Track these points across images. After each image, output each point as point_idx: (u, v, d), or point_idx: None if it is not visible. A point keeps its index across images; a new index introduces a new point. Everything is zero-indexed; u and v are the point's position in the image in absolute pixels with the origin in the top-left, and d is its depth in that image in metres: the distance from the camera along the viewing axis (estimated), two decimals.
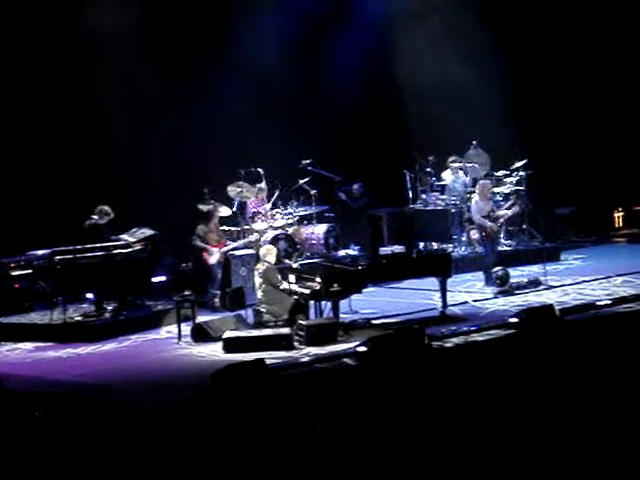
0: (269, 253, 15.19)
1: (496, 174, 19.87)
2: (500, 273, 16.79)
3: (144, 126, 18.94)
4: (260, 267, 15.05)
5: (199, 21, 19.88)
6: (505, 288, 16.62)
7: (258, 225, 18.44)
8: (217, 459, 9.15)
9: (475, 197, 17.91)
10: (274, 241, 17.80)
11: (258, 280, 14.97)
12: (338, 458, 8.90)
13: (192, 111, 19.60)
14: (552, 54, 22.26)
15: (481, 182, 18.21)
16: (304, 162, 19.45)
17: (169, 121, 19.31)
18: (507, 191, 19.52)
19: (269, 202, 19.05)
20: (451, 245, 19.48)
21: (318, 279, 14.32)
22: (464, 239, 19.59)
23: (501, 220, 17.97)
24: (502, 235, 19.02)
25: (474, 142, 20.35)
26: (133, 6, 19.24)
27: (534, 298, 16.05)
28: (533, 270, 18.06)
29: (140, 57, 18.97)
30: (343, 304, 14.67)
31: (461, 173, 20.12)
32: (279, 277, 14.93)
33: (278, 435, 9.59)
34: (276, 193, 19.10)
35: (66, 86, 18.66)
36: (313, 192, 19.33)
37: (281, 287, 14.79)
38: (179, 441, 9.67)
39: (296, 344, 13.75)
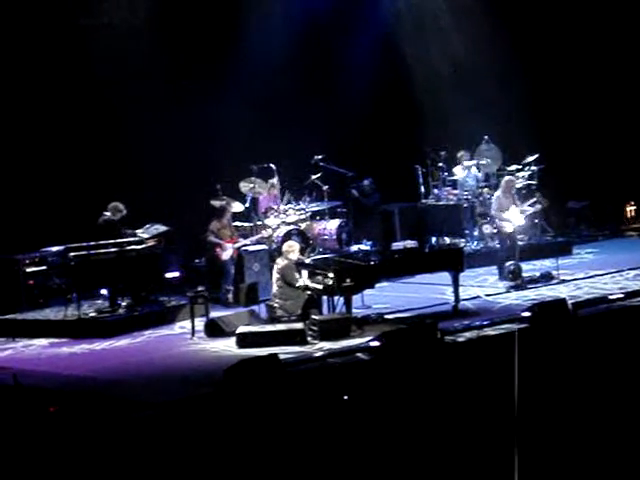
0: (292, 250, 15.04)
1: (508, 168, 19.87)
2: (512, 267, 16.80)
3: (156, 122, 18.97)
4: (280, 262, 14.99)
5: (209, 17, 19.91)
6: (517, 282, 16.63)
7: (271, 221, 18.47)
8: (231, 454, 9.19)
9: (498, 192, 17.88)
10: (287, 237, 17.82)
11: (275, 275, 14.96)
12: (351, 452, 8.93)
13: (204, 107, 19.62)
14: (564, 48, 22.23)
15: (506, 178, 18.14)
16: (316, 158, 19.47)
17: (181, 117, 19.32)
18: (519, 186, 19.50)
19: (282, 199, 19.10)
20: (463, 240, 19.48)
21: (331, 274, 14.34)
22: (476, 234, 19.60)
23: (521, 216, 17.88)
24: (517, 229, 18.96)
25: (486, 137, 20.35)
26: (144, 4, 19.28)
27: (546, 292, 16.05)
28: (545, 264, 18.07)
29: (152, 54, 19.01)
30: (356, 299, 14.71)
31: (472, 168, 20.14)
32: (297, 276, 14.86)
33: (291, 429, 9.63)
34: (286, 195, 19.13)
35: (78, 84, 18.72)
36: (325, 188, 19.36)
37: (297, 285, 14.77)
38: (193, 436, 9.71)
39: (309, 339, 13.78)
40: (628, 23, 22.28)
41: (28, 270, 16.89)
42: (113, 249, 15.96)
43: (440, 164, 20.20)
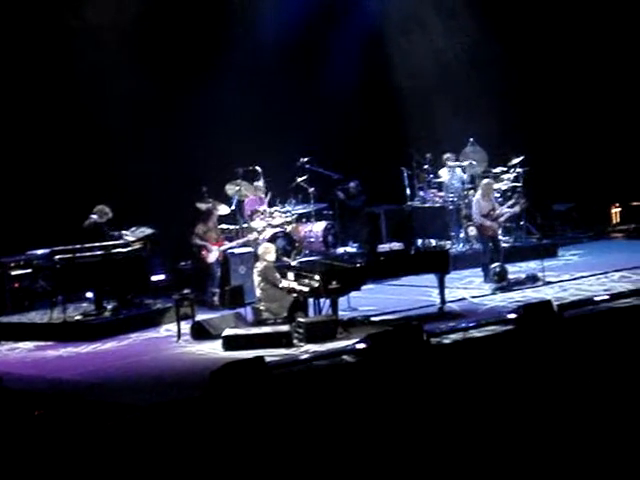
0: (268, 252, 15.17)
1: (493, 171, 19.89)
2: (498, 269, 16.84)
3: (142, 125, 18.95)
4: (259, 265, 15.06)
5: (197, 19, 19.91)
6: (503, 284, 16.66)
7: (256, 223, 18.47)
8: (216, 457, 9.18)
9: (477, 195, 17.92)
10: (272, 239, 17.82)
11: (257, 278, 14.99)
12: (338, 455, 8.93)
13: (190, 109, 19.60)
14: (549, 51, 22.28)
15: (485, 181, 18.22)
16: (302, 160, 19.48)
17: (167, 120, 19.31)
18: (505, 188, 19.55)
19: (267, 201, 19.10)
20: (449, 242, 19.52)
21: (317, 277, 14.35)
22: (462, 236, 19.63)
23: (502, 219, 17.93)
24: (500, 232, 18.99)
25: (471, 139, 20.37)
26: (131, 4, 19.26)
27: (532, 294, 16.07)
28: (531, 266, 18.09)
29: (138, 55, 18.98)
30: (342, 301, 14.71)
31: (458, 170, 20.17)
32: (278, 275, 14.94)
33: (277, 432, 9.62)
34: (269, 195, 19.13)
35: (64, 85, 18.69)
36: (311, 190, 19.37)
37: (280, 285, 14.81)
38: (179, 440, 9.69)
39: (295, 341, 13.78)
40: (613, 26, 22.34)
41: (13, 273, 16.89)
42: (99, 252, 15.93)
43: (426, 166, 20.24)
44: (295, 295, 14.75)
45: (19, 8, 18.36)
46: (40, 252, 16.72)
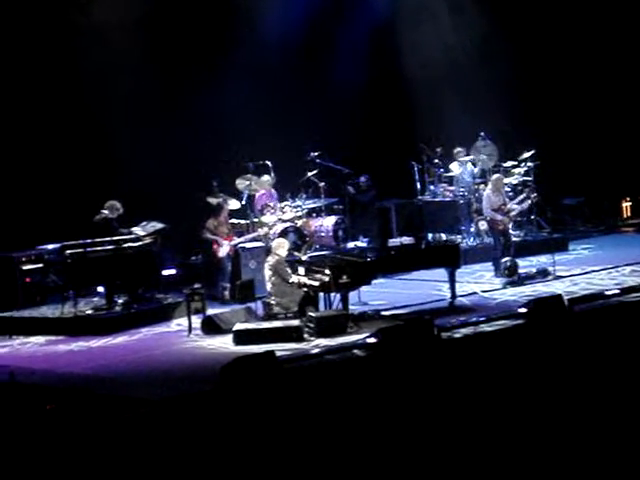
0: (281, 246, 15.16)
1: (504, 165, 19.88)
2: (508, 264, 16.82)
3: (152, 120, 18.95)
4: (271, 259, 15.06)
5: (205, 14, 19.90)
6: (513, 279, 16.65)
7: (267, 218, 18.46)
8: (227, 452, 9.20)
9: (487, 190, 17.93)
10: (283, 234, 17.82)
11: (268, 272, 15.00)
12: (348, 449, 8.94)
13: (199, 106, 19.60)
14: (559, 45, 22.25)
15: (495, 176, 18.25)
16: (313, 154, 19.49)
17: (177, 114, 19.32)
18: (515, 182, 19.53)
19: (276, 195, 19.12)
20: (460, 236, 19.52)
21: (327, 271, 14.35)
22: (473, 230, 19.62)
23: (512, 213, 17.91)
24: (511, 226, 18.98)
25: (482, 133, 20.33)
26: (137, 3, 19.25)
27: (543, 288, 16.07)
28: (541, 260, 18.11)
29: (145, 53, 18.99)
30: (352, 296, 14.72)
31: (468, 164, 20.17)
32: (289, 270, 14.95)
33: (288, 427, 9.64)
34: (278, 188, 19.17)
35: (74, 80, 18.70)
36: (322, 184, 19.37)
37: (290, 280, 14.81)
38: (190, 434, 9.71)
39: (306, 336, 13.80)
40: (623, 21, 22.30)
41: (25, 268, 16.90)
42: (109, 246, 15.97)
43: (436, 160, 20.24)
44: (306, 289, 14.77)
45: (25, 4, 18.36)
46: (51, 247, 16.81)
